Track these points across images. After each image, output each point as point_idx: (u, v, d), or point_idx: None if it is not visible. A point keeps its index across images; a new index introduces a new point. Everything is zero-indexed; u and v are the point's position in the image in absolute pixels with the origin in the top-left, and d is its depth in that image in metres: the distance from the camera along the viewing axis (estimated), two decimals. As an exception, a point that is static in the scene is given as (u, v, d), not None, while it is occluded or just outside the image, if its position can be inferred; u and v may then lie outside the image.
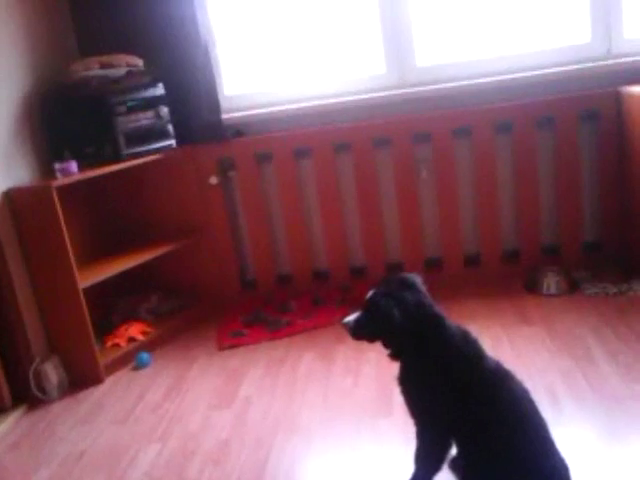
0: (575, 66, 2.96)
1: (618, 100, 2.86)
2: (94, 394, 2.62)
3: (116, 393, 2.60)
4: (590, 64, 2.95)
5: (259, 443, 2.11)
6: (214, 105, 3.07)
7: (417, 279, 1.64)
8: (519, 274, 3.06)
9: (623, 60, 2.92)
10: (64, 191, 2.64)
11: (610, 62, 2.94)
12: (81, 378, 2.69)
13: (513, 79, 2.98)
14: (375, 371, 2.45)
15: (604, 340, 2.41)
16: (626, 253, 2.98)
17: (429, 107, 3.06)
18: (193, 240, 3.18)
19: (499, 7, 3.04)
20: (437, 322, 1.58)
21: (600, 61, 2.96)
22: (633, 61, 2.90)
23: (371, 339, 1.64)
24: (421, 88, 3.06)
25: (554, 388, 2.15)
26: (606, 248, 3.05)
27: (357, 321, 1.63)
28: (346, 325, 1.65)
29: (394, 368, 1.65)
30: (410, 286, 1.59)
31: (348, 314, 1.67)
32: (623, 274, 2.90)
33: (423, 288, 1.62)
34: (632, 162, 2.80)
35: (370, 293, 1.62)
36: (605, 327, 2.51)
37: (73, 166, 2.67)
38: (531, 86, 2.98)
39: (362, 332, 1.63)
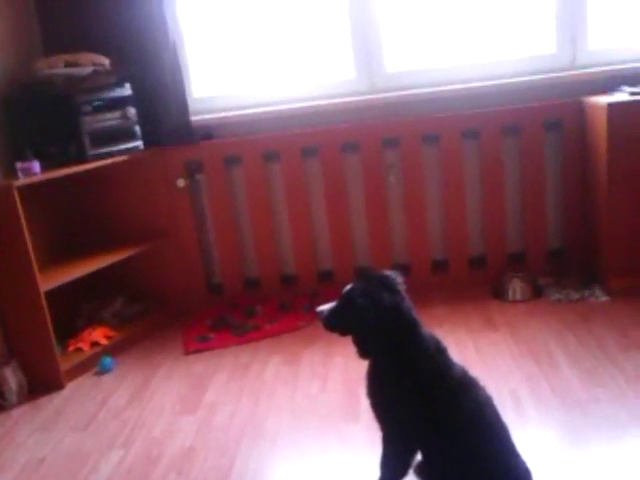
0: (541, 76, 3.01)
1: (582, 110, 2.92)
2: (55, 400, 2.56)
3: (78, 398, 2.55)
4: (555, 74, 3.01)
5: (224, 449, 2.08)
6: (182, 107, 3.04)
7: (397, 279, 1.61)
8: (485, 280, 3.09)
9: (587, 71, 2.99)
10: (26, 191, 2.58)
11: (574, 72, 3.00)
12: (41, 383, 2.63)
13: (481, 87, 3.02)
14: (342, 376, 2.44)
15: (566, 345, 2.46)
16: (589, 260, 3.04)
17: (398, 113, 3.08)
18: (159, 243, 3.14)
19: (468, 16, 3.08)
20: (411, 328, 1.56)
21: (565, 71, 3.02)
22: (597, 72, 2.96)
23: (342, 333, 1.62)
24: (390, 94, 3.08)
25: (518, 392, 2.17)
26: (569, 255, 3.11)
27: (331, 312, 1.60)
28: (320, 314, 1.62)
29: (361, 373, 1.65)
30: (390, 287, 1.56)
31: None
32: (585, 281, 2.95)
33: (402, 289, 1.59)
34: (594, 171, 2.86)
35: (348, 287, 1.60)
36: (568, 332, 2.56)
37: (36, 166, 2.61)
38: (498, 94, 3.03)
39: (334, 324, 1.61)
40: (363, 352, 1.60)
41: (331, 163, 3.09)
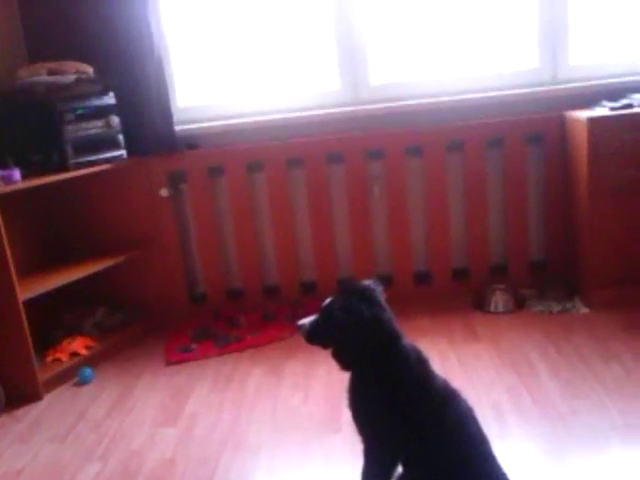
0: (523, 90, 3.05)
1: (563, 124, 2.96)
2: (32, 411, 2.52)
3: (56, 410, 2.51)
4: (537, 89, 3.05)
5: (205, 461, 2.06)
6: (166, 116, 3.03)
7: (377, 289, 1.60)
8: (468, 292, 3.10)
9: (568, 86, 3.03)
10: (6, 199, 2.55)
11: (556, 87, 3.04)
12: (19, 394, 2.58)
13: (464, 100, 3.05)
14: (324, 387, 2.43)
15: (548, 357, 2.47)
16: (570, 272, 3.07)
17: (382, 125, 3.10)
18: (142, 253, 3.11)
19: (452, 30, 3.12)
20: (392, 340, 1.55)
21: (546, 86, 3.06)
22: (577, 87, 3.01)
23: (324, 346, 1.62)
24: (374, 106, 3.09)
25: (499, 404, 2.18)
26: (551, 267, 3.14)
27: (311, 326, 1.60)
28: (301, 328, 1.62)
29: (343, 385, 1.64)
30: (369, 298, 1.56)
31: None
32: (567, 293, 2.98)
33: (382, 299, 1.59)
34: (575, 184, 2.89)
35: (327, 301, 1.60)
36: (549, 344, 2.57)
37: (16, 174, 2.58)
38: (481, 107, 3.06)
39: (315, 338, 1.61)
40: (344, 365, 1.59)
41: (315, 174, 3.09)
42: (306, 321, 1.62)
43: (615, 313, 2.75)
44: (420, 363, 1.57)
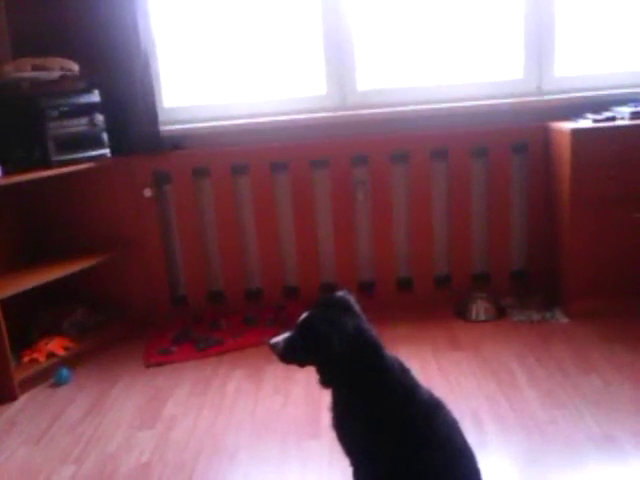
0: (508, 100, 3.07)
1: (546, 135, 2.99)
2: (7, 412, 2.47)
3: (31, 411, 2.47)
4: (522, 99, 3.07)
5: (181, 465, 2.04)
6: (152, 116, 3.01)
7: (352, 299, 1.55)
8: (450, 300, 3.11)
9: (552, 97, 3.06)
10: (-14, 196, 2.52)
11: (540, 98, 3.07)
12: (-7, 394, 2.55)
13: (450, 108, 3.06)
14: (304, 392, 2.42)
15: (527, 366, 2.48)
16: (550, 282, 3.09)
17: (368, 130, 3.11)
18: (123, 253, 3.08)
19: (440, 39, 3.13)
20: (375, 352, 1.49)
21: (531, 97, 3.09)
22: (562, 98, 3.04)
23: (302, 364, 1.54)
24: (361, 111, 3.10)
25: (479, 413, 2.18)
26: (532, 277, 3.16)
27: (288, 343, 1.51)
28: (274, 347, 1.52)
29: (323, 390, 1.63)
30: (347, 309, 1.51)
31: (278, 334, 1.53)
32: (547, 302, 3.00)
33: (358, 309, 1.54)
34: (558, 194, 2.92)
35: (305, 315, 1.51)
36: (528, 353, 2.58)
37: (-3, 170, 2.55)
38: (467, 116, 3.08)
39: (293, 356, 1.52)
40: (328, 381, 1.52)
41: (300, 178, 3.09)
42: (279, 339, 1.52)
43: (594, 323, 2.78)
44: (404, 374, 1.52)
